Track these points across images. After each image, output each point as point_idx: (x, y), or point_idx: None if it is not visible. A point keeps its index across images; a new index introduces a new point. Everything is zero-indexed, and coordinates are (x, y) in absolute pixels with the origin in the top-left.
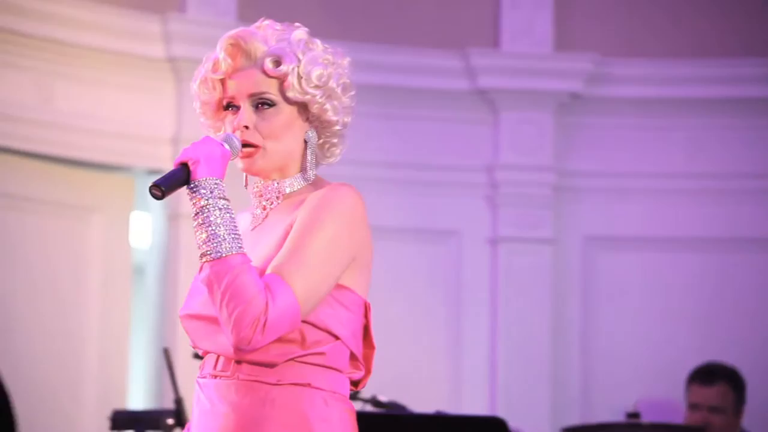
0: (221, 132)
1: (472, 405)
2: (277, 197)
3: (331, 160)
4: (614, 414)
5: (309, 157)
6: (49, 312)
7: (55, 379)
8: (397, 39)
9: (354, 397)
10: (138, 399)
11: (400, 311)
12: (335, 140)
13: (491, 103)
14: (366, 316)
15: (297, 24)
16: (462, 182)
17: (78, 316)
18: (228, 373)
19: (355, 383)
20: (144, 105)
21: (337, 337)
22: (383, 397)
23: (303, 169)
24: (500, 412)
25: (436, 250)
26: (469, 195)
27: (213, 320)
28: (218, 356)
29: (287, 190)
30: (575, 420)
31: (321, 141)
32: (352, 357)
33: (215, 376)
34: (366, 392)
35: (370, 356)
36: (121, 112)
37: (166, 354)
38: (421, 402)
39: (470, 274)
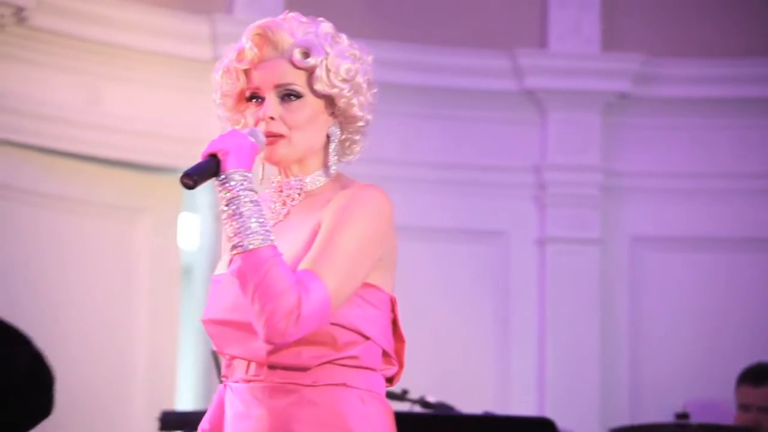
0: (240, 125)
1: (521, 406)
2: (299, 194)
3: (350, 157)
4: (663, 414)
5: (332, 153)
6: (98, 314)
7: (104, 379)
8: (445, 39)
9: (402, 398)
10: (186, 400)
11: (448, 312)
12: (357, 137)
13: (538, 103)
14: (393, 310)
15: (321, 18)
16: (509, 183)
17: (127, 318)
18: (261, 378)
19: (389, 379)
20: (192, 106)
21: (367, 338)
22: (431, 398)
23: (325, 165)
24: (548, 413)
25: (484, 250)
26: (517, 196)
27: (241, 326)
28: (249, 362)
29: (309, 187)
30: (624, 420)
31: (343, 137)
32: (385, 354)
33: (248, 381)
34: (414, 393)
35: (401, 350)
36: (169, 114)
37: (215, 355)
38: (469, 403)
39: (518, 275)
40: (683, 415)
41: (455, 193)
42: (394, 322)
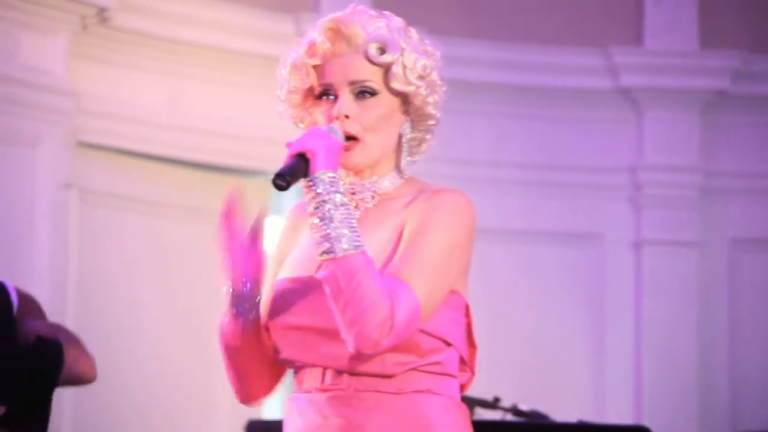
0: (304, 123)
1: (616, 413)
2: (372, 196)
3: (417, 157)
4: (764, 422)
5: (405, 153)
6: (186, 319)
7: (190, 387)
8: (538, 37)
9: (495, 406)
10: (273, 409)
11: (542, 317)
12: (428, 136)
13: (634, 102)
14: (467, 315)
15: (387, 12)
16: (604, 184)
17: (212, 323)
18: (341, 386)
19: (461, 386)
20: (277, 107)
21: (449, 344)
22: (524, 406)
23: (397, 166)
24: (645, 421)
25: (578, 253)
26: (612, 197)
27: (319, 331)
28: (324, 369)
29: (384, 190)
30: (723, 428)
31: (412, 136)
32: (461, 360)
33: (325, 390)
34: (507, 401)
35: (473, 356)
36: (254, 115)
37: None
38: (563, 411)
39: (613, 279)
40: None
41: (548, 195)
42: (468, 328)
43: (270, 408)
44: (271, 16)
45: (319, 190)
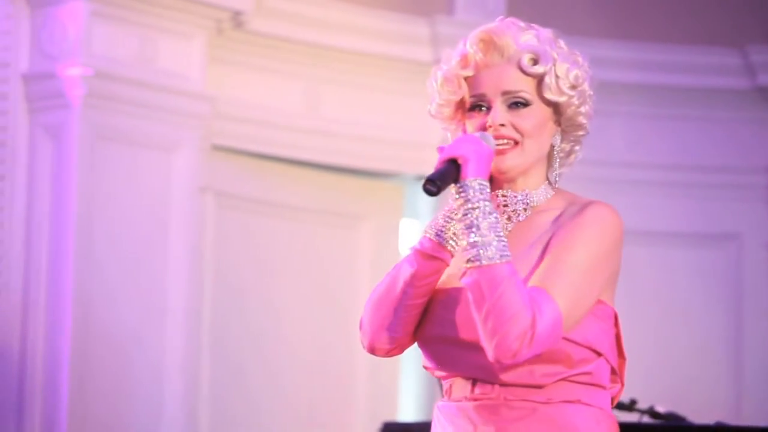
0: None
1: (755, 416)
2: (525, 209)
3: (565, 169)
4: None
5: (556, 163)
6: (319, 321)
7: (326, 389)
8: (674, 37)
9: (631, 408)
10: (409, 410)
11: (678, 319)
12: (577, 147)
13: None
14: (616, 325)
15: (535, 25)
16: (741, 184)
17: (348, 326)
18: (492, 396)
19: (611, 398)
20: (412, 110)
21: (599, 354)
22: (661, 408)
23: (548, 177)
24: None
25: (714, 255)
26: (749, 197)
27: (464, 343)
28: (474, 380)
29: (536, 202)
30: None
31: (561, 146)
32: (612, 371)
33: (475, 399)
34: (643, 403)
35: (622, 367)
36: (390, 118)
37: None
38: (700, 412)
39: (751, 280)
40: None
41: (683, 196)
42: (617, 338)
43: (405, 410)
44: (406, 19)
45: (468, 197)
